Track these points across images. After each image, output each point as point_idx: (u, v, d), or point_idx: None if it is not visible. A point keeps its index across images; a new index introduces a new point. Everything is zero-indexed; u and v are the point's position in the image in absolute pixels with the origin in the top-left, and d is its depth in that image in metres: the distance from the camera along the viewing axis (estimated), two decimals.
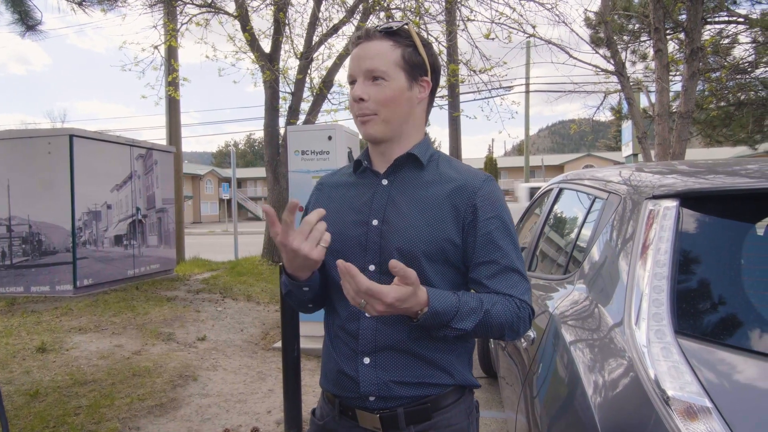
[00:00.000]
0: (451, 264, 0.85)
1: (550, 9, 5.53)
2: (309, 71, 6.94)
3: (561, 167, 37.33)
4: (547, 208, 2.06)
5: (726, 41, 6.84)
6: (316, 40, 6.80)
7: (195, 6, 6.63)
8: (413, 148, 0.88)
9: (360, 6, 6.52)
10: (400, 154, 0.89)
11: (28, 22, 4.25)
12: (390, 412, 0.84)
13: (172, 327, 4.24)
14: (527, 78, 14.05)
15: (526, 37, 5.84)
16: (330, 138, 3.70)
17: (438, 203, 0.85)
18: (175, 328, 4.23)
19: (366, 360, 0.85)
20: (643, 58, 7.64)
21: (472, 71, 6.63)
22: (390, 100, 0.84)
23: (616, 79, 5.29)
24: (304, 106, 7.16)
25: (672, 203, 1.01)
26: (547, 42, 5.38)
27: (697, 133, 8.15)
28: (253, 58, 6.83)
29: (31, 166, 5.41)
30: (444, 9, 6.47)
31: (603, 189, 1.43)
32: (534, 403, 1.23)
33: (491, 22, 5.95)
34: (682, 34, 5.70)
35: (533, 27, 5.68)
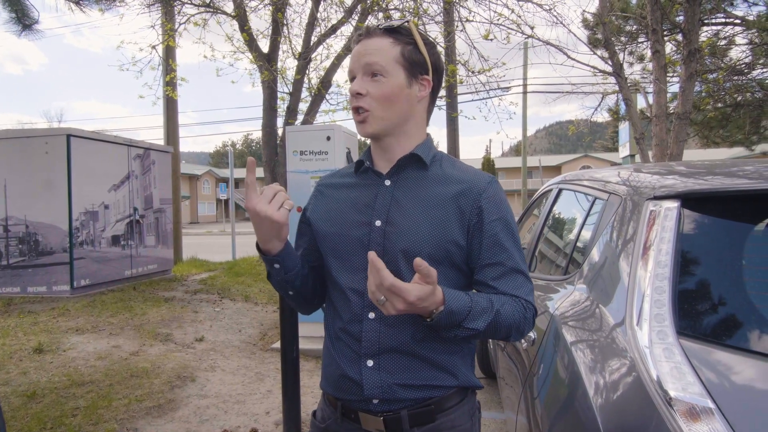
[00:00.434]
0: (455, 266, 0.84)
1: (548, 10, 5.54)
2: (307, 71, 6.93)
3: (558, 168, 37.44)
4: (547, 209, 2.06)
5: (723, 43, 6.87)
6: (314, 40, 6.79)
7: (193, 6, 6.61)
8: (416, 149, 0.88)
9: (358, 6, 6.51)
10: (402, 153, 0.88)
11: (24, 21, 4.22)
12: (393, 414, 0.84)
13: (170, 327, 4.22)
14: (525, 79, 14.08)
15: (524, 38, 5.86)
16: (329, 138, 3.69)
17: (442, 204, 0.84)
18: (173, 328, 4.21)
19: (369, 363, 0.84)
20: (641, 59, 7.67)
21: (471, 72, 6.64)
22: (387, 97, 0.84)
23: (614, 80, 5.31)
24: (303, 107, 7.15)
25: (673, 204, 1.01)
26: (545, 43, 5.39)
27: (694, 134, 8.19)
28: (251, 58, 6.81)
29: (28, 166, 5.38)
30: (442, 10, 6.48)
31: (603, 190, 1.44)
32: (535, 404, 1.23)
33: (490, 23, 5.96)
34: (679, 36, 5.73)
35: (531, 28, 5.69)
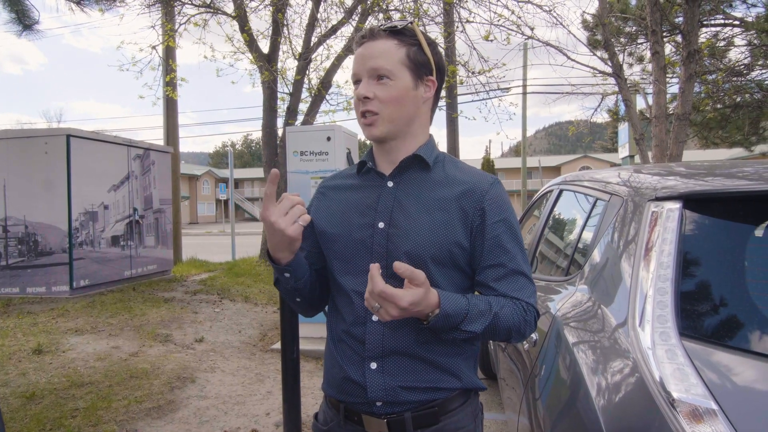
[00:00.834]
0: (458, 267, 0.84)
1: (548, 11, 5.55)
2: (307, 72, 6.93)
3: (558, 168, 37.48)
4: (548, 210, 2.06)
5: (722, 44, 6.89)
6: (314, 41, 6.79)
7: (193, 6, 6.61)
8: (419, 150, 0.87)
9: (359, 7, 6.52)
10: (405, 154, 0.88)
11: (24, 21, 4.22)
12: (397, 416, 0.83)
13: (170, 328, 4.21)
14: (524, 79, 14.10)
15: (524, 38, 5.87)
16: (329, 139, 3.69)
17: (445, 206, 0.84)
18: (173, 329, 4.20)
19: (373, 365, 0.84)
20: (640, 60, 7.69)
21: (471, 73, 6.64)
22: (395, 99, 0.83)
23: (614, 81, 5.32)
24: (303, 107, 7.16)
25: (675, 205, 1.01)
26: (545, 44, 5.40)
27: (693, 135, 8.20)
28: (251, 58, 6.81)
29: (28, 166, 5.37)
30: (442, 11, 6.48)
31: (604, 191, 1.44)
32: (536, 405, 1.23)
33: (490, 24, 5.97)
34: (679, 37, 5.74)
35: (531, 29, 5.70)
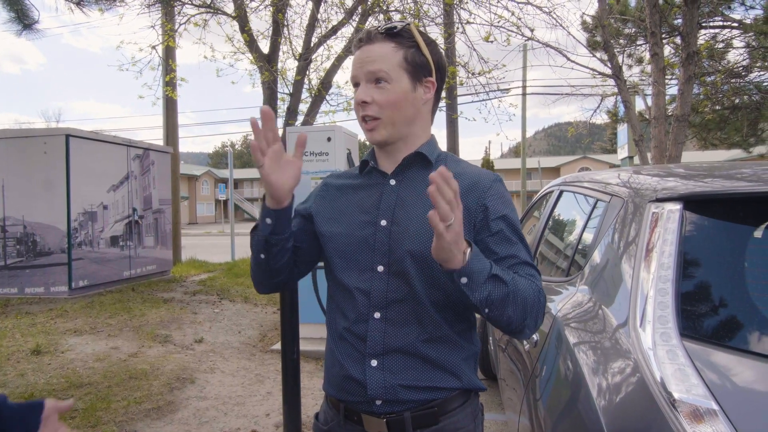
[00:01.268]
0: None
1: (548, 13, 5.56)
2: (307, 72, 6.94)
3: (557, 169, 37.54)
4: (548, 211, 2.06)
5: (721, 46, 6.91)
6: (314, 41, 6.80)
7: (193, 6, 6.61)
8: (421, 147, 0.88)
9: (359, 8, 6.53)
10: (407, 153, 0.88)
11: (24, 20, 4.22)
12: (397, 416, 0.83)
13: (169, 329, 4.21)
14: (524, 80, 14.13)
15: (524, 40, 5.88)
16: (329, 139, 3.69)
17: None
18: (172, 330, 4.20)
19: (373, 363, 0.84)
20: (640, 61, 7.71)
21: (471, 74, 6.65)
22: (394, 103, 0.84)
23: (613, 82, 5.33)
24: (303, 107, 7.16)
25: (675, 206, 1.02)
26: (545, 45, 5.41)
27: (692, 137, 8.23)
28: (251, 58, 6.81)
29: (27, 166, 5.36)
30: (443, 12, 6.49)
31: (605, 192, 1.44)
32: (537, 405, 1.23)
33: (490, 25, 5.98)
34: (678, 39, 5.76)
35: (531, 30, 5.71)
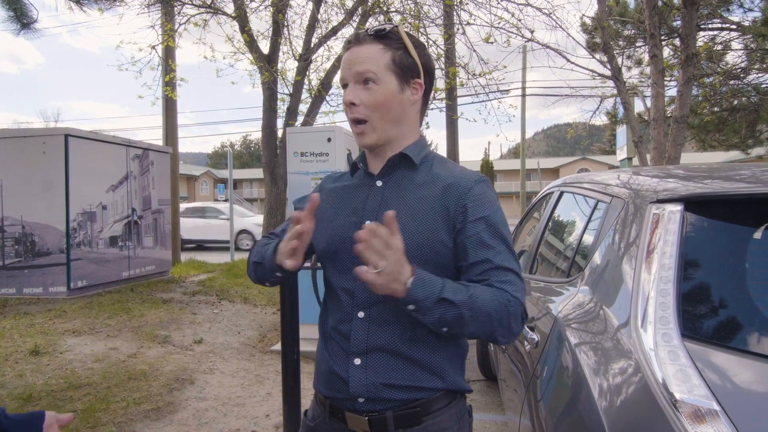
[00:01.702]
0: (444, 266, 0.84)
1: (548, 14, 5.57)
2: (308, 73, 6.94)
3: (556, 170, 37.60)
4: (549, 212, 2.07)
5: (719, 47, 6.94)
6: (315, 41, 6.80)
7: (193, 6, 6.61)
8: (406, 149, 0.89)
9: (359, 8, 6.53)
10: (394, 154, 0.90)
11: (23, 19, 4.21)
12: (379, 415, 0.84)
13: (168, 329, 4.20)
14: (524, 82, 14.16)
15: (524, 41, 5.89)
16: (329, 140, 3.70)
17: (429, 205, 0.84)
18: (171, 330, 4.19)
19: (357, 361, 0.85)
20: (639, 63, 7.74)
21: (471, 75, 6.66)
22: (381, 104, 0.85)
23: (612, 84, 5.34)
24: (303, 108, 7.16)
25: (676, 207, 1.02)
26: (545, 46, 5.43)
27: (690, 138, 8.25)
28: (251, 59, 6.81)
29: (26, 165, 5.35)
30: (443, 13, 6.50)
31: (605, 193, 1.44)
32: (538, 406, 1.23)
33: (490, 26, 5.99)
34: (677, 40, 5.78)
35: (531, 31, 5.72)
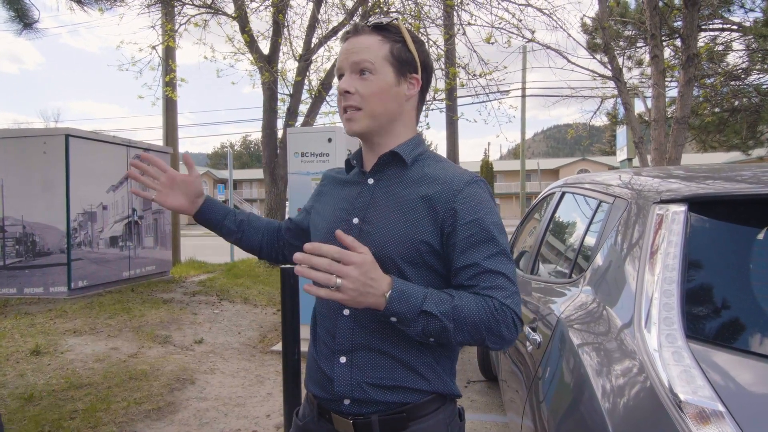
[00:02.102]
0: (429, 267, 0.82)
1: (548, 15, 5.57)
2: (308, 73, 6.94)
3: (556, 171, 37.59)
4: (550, 212, 2.06)
5: (720, 48, 6.94)
6: (315, 42, 6.80)
7: (194, 7, 6.61)
8: (397, 147, 0.87)
9: (359, 9, 6.53)
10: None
11: (24, 20, 4.21)
12: (364, 418, 0.82)
13: (169, 330, 4.20)
14: (523, 82, 14.16)
15: (524, 41, 5.89)
16: (330, 140, 3.69)
17: (415, 204, 0.82)
18: (172, 330, 4.19)
19: (342, 359, 0.84)
20: (640, 63, 7.73)
21: (472, 75, 6.66)
22: (376, 94, 0.83)
23: (613, 85, 5.34)
24: (303, 108, 7.16)
25: (680, 208, 1.02)
26: (545, 47, 5.42)
27: (691, 139, 8.25)
28: (251, 59, 6.81)
29: (26, 165, 5.35)
30: (443, 13, 6.50)
31: (608, 193, 1.44)
32: (541, 407, 1.23)
33: (491, 26, 5.99)
34: (678, 41, 5.78)
35: (532, 32, 5.72)
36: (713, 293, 0.94)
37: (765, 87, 7.08)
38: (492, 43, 5.97)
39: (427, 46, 0.93)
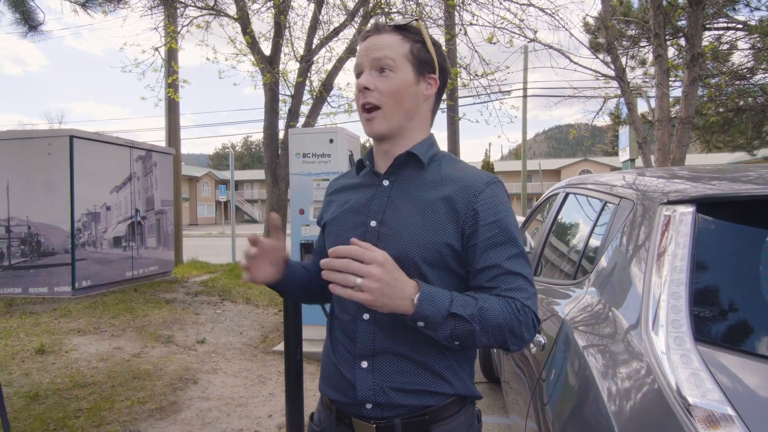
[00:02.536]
0: (451, 269, 0.82)
1: (551, 14, 5.55)
2: (309, 74, 6.95)
3: (558, 172, 37.48)
4: (553, 213, 2.05)
5: (725, 47, 6.89)
6: (316, 43, 6.80)
7: (196, 8, 6.63)
8: (414, 147, 0.86)
9: (360, 10, 6.53)
10: (402, 152, 0.87)
11: (30, 22, 4.24)
12: (387, 422, 0.81)
13: (172, 329, 4.20)
14: (525, 82, 14.12)
15: (527, 41, 5.87)
16: (331, 141, 3.69)
17: (436, 205, 0.81)
18: (175, 330, 4.19)
19: (364, 364, 0.82)
20: (643, 63, 7.70)
21: (474, 75, 6.65)
22: (396, 92, 0.83)
23: (616, 84, 5.31)
24: (304, 109, 7.17)
25: (688, 209, 1.01)
26: (548, 47, 5.40)
27: (695, 139, 8.20)
28: (253, 60, 6.82)
29: (31, 166, 5.38)
30: (445, 13, 6.49)
31: (613, 194, 1.43)
32: (545, 410, 1.22)
33: (493, 26, 5.97)
34: (682, 40, 5.75)
35: (534, 32, 5.70)
36: (722, 295, 0.93)
37: None
38: (494, 43, 5.95)
39: (443, 50, 0.92)
